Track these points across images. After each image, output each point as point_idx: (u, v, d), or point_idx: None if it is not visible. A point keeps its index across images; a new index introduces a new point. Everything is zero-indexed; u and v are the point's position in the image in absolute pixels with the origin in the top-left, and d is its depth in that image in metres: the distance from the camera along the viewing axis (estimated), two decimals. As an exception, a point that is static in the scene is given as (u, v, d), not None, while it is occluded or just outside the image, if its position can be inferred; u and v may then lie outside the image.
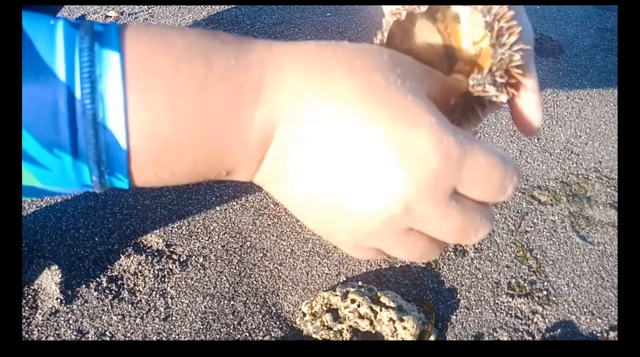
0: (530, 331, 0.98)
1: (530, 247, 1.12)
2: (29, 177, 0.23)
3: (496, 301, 1.02)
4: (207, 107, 0.24)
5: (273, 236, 1.11)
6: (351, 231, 0.27)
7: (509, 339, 0.96)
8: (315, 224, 0.28)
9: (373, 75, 0.24)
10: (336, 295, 0.97)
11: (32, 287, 0.97)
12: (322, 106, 0.24)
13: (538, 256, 1.11)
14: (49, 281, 0.98)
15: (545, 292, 1.04)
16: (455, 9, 0.31)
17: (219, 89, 0.24)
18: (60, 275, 0.98)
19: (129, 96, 0.23)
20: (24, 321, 0.92)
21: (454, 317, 0.99)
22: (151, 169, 0.24)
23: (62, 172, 0.23)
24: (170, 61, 0.23)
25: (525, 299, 1.02)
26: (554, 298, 1.03)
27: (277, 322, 0.97)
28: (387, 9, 0.33)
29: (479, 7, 0.29)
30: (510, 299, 1.02)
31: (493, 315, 1.00)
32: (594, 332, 0.97)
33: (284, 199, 0.28)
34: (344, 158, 0.24)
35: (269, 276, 1.04)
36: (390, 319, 0.92)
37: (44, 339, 0.90)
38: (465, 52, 0.34)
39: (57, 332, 0.91)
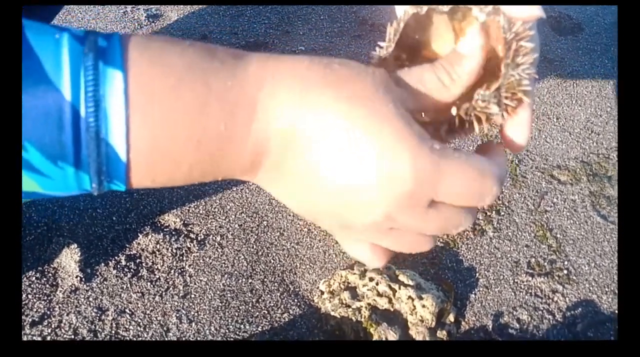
0: (550, 309, 0.97)
1: (550, 227, 1.11)
2: (31, 184, 0.24)
3: (516, 280, 1.01)
4: (204, 126, 0.25)
5: (289, 215, 1.11)
6: (340, 229, 0.31)
7: (529, 318, 0.95)
8: (309, 219, 0.32)
9: (361, 100, 0.26)
10: (354, 273, 0.96)
11: (52, 265, 0.98)
12: (313, 124, 0.26)
13: (558, 236, 1.09)
14: (69, 259, 0.99)
15: (565, 272, 1.03)
16: (476, 12, 0.30)
17: (216, 109, 0.25)
18: (79, 253, 0.99)
19: (130, 115, 0.24)
20: (45, 298, 0.93)
21: (473, 296, 0.98)
22: (148, 178, 0.26)
23: (64, 180, 0.25)
24: (170, 82, 0.24)
25: (545, 278, 1.01)
26: (574, 277, 1.02)
27: (295, 300, 0.97)
28: (401, 8, 0.33)
29: (502, 20, 0.28)
30: (530, 278, 1.01)
31: (513, 294, 0.99)
32: (616, 312, 0.96)
33: (280, 200, 0.32)
34: (331, 173, 0.27)
35: (286, 255, 1.04)
36: (409, 297, 0.92)
37: (65, 315, 0.91)
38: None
39: (77, 309, 0.92)
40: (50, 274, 0.97)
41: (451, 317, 0.93)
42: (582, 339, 0.90)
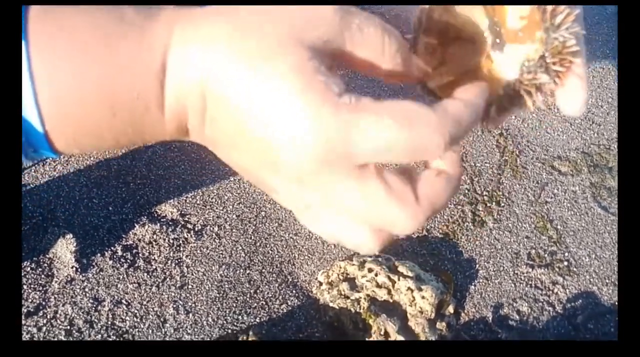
0: (550, 301, 0.96)
1: (551, 218, 1.10)
2: None
3: (516, 272, 1.00)
4: (115, 95, 0.23)
5: (288, 206, 1.10)
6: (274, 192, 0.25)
7: (529, 310, 0.94)
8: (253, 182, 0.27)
9: (265, 44, 0.22)
10: (353, 264, 0.95)
11: (47, 255, 0.97)
12: (221, 79, 0.23)
13: (558, 227, 1.08)
14: (64, 249, 0.98)
15: (566, 263, 1.02)
16: None
17: (126, 77, 0.23)
18: (75, 244, 0.98)
19: (37, 86, 0.22)
20: (40, 288, 0.92)
21: (473, 287, 0.98)
22: (74, 146, 0.24)
23: None
24: (76, 48, 0.22)
25: (546, 269, 1.01)
26: (575, 269, 1.01)
27: (294, 291, 0.96)
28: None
29: None
30: (530, 270, 1.00)
31: (513, 285, 0.98)
32: (616, 304, 0.96)
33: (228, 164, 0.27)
34: (244, 130, 0.23)
35: (284, 246, 1.03)
36: (409, 288, 0.91)
37: (61, 306, 0.90)
38: (509, 27, 0.31)
39: (73, 300, 0.91)
40: (45, 265, 0.96)
41: (451, 309, 0.92)
42: (582, 330, 0.90)
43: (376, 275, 0.93)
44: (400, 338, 0.85)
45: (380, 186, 0.23)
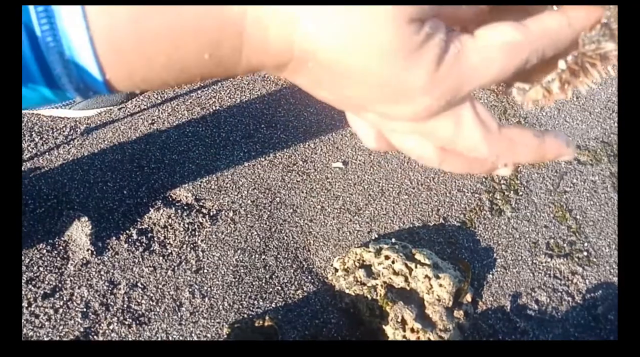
0: (569, 291, 0.95)
1: (570, 208, 1.08)
2: None
3: (534, 261, 0.99)
4: (183, 58, 0.21)
5: (302, 192, 1.09)
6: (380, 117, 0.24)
7: (548, 299, 0.93)
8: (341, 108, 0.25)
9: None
10: (369, 251, 0.94)
11: (62, 238, 0.97)
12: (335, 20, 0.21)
13: (578, 217, 1.07)
14: (79, 232, 0.97)
15: (585, 253, 1.00)
16: None
17: (193, 38, 0.21)
18: (90, 227, 0.97)
19: (92, 28, 0.20)
20: (56, 271, 0.92)
21: (491, 276, 0.97)
22: (134, 87, 0.22)
23: (41, 99, 0.22)
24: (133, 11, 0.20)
25: (565, 259, 0.99)
26: (594, 259, 1.00)
27: (309, 277, 0.95)
28: None
29: None
30: (549, 259, 0.99)
31: (531, 275, 0.97)
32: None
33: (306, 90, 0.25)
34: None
35: (299, 232, 1.02)
36: (426, 276, 0.90)
37: (77, 288, 0.90)
38: None
39: (89, 282, 0.91)
40: (61, 247, 0.96)
41: (468, 297, 0.91)
42: (602, 321, 0.88)
43: (393, 262, 0.92)
44: (418, 326, 0.85)
45: (471, 111, 0.23)
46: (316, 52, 0.21)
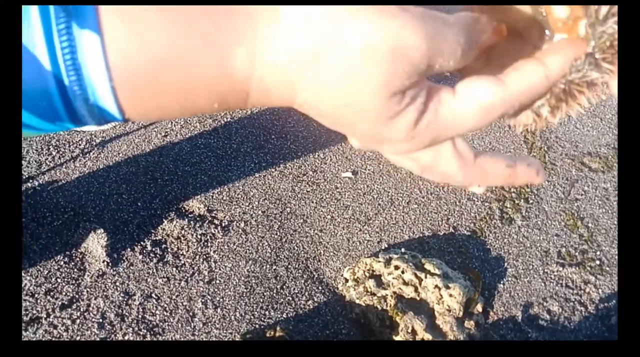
0: (582, 301, 0.94)
1: (581, 216, 1.07)
2: (26, 133, 0.24)
3: (546, 270, 0.98)
4: (195, 102, 0.23)
5: (312, 202, 1.10)
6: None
7: (560, 309, 0.93)
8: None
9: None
10: (379, 261, 0.95)
11: (79, 250, 0.99)
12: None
13: (589, 225, 1.06)
14: (95, 244, 1.00)
15: (597, 262, 1.00)
16: None
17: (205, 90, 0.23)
18: (105, 238, 1.00)
19: (115, 86, 0.22)
20: (73, 282, 0.95)
21: (502, 285, 0.96)
22: (152, 120, 0.25)
23: (65, 128, 0.25)
24: (150, 56, 0.22)
25: (577, 268, 0.98)
26: (607, 268, 0.99)
27: (320, 287, 0.96)
28: None
29: None
30: (561, 269, 0.98)
31: (542, 284, 0.96)
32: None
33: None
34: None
35: (309, 242, 1.03)
36: (436, 286, 0.90)
37: (93, 299, 0.92)
38: (555, 15, 0.30)
39: (105, 293, 0.93)
40: (77, 259, 0.98)
41: (479, 307, 0.91)
42: (616, 332, 0.87)
43: (403, 272, 0.92)
44: (428, 336, 0.85)
45: (450, 146, 0.25)
46: (315, 109, 0.24)
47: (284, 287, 0.96)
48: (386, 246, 1.02)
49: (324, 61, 0.22)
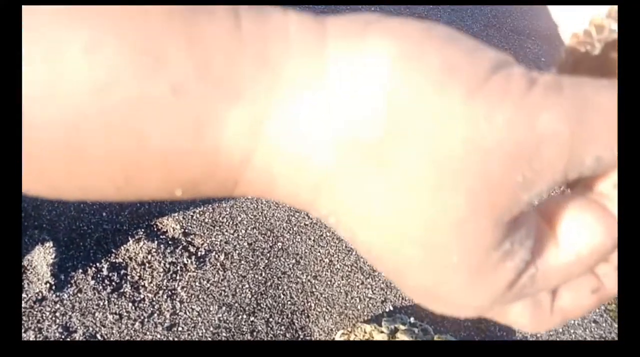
0: None
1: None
2: None
3: None
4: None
5: (310, 239, 0.93)
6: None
7: None
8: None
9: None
10: (382, 332, 0.77)
11: (21, 262, 0.82)
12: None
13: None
14: (41, 259, 0.82)
15: None
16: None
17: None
18: (54, 255, 0.82)
19: None
20: (4, 304, 0.77)
21: (525, 379, 0.79)
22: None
23: None
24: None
25: None
26: None
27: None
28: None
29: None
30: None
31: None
32: None
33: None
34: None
35: (300, 290, 0.85)
36: (447, 373, 0.72)
37: (23, 331, 0.75)
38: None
39: (38, 325, 0.76)
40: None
41: None
42: None
43: (408, 349, 0.75)
44: None
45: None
46: (350, 233, 0.16)
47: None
48: (391, 308, 0.85)
49: (392, 165, 0.15)
